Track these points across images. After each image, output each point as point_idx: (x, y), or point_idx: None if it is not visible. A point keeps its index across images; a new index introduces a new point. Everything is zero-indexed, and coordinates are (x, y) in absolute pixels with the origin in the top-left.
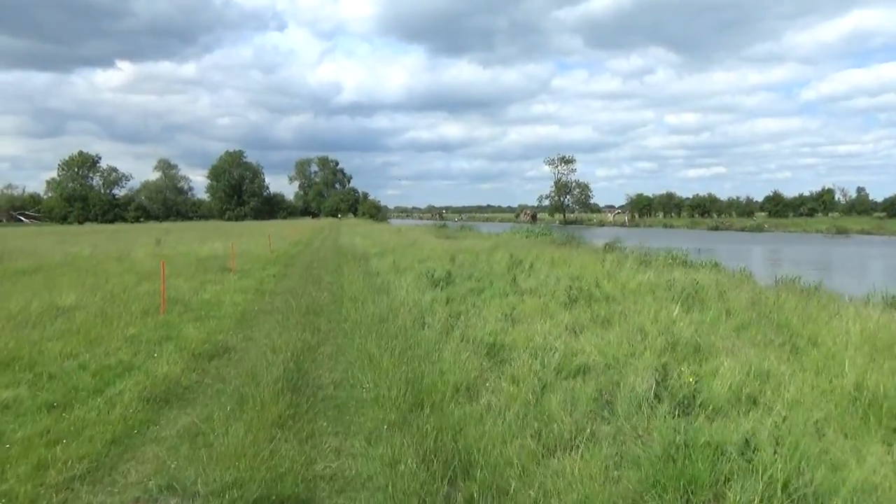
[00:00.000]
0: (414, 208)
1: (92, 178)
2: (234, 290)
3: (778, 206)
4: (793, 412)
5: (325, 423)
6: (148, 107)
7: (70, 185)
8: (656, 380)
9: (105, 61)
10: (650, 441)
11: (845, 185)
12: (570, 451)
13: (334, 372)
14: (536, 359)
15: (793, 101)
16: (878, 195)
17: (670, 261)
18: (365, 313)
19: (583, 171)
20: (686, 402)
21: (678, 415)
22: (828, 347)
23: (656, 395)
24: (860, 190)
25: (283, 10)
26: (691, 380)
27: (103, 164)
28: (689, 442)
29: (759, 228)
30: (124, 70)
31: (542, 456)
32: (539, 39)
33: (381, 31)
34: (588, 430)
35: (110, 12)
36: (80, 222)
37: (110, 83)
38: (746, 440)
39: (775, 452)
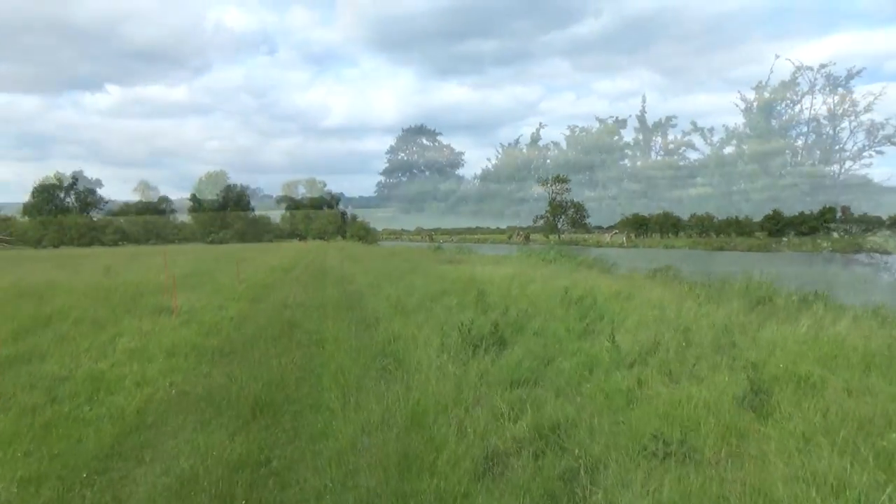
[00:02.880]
0: (403, 230)
1: (68, 201)
2: (159, 348)
3: (778, 225)
4: None
5: None
6: (136, 130)
7: (45, 207)
8: None
9: (94, 85)
10: None
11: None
12: None
13: None
14: None
15: None
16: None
17: (762, 293)
18: (365, 429)
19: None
20: None
21: None
22: None
23: None
24: (844, 209)
25: (274, 33)
26: None
27: (80, 187)
28: None
29: (766, 248)
30: (113, 94)
31: None
32: (528, 63)
33: (371, 54)
34: None
35: (100, 35)
36: (56, 246)
37: (98, 106)
38: None
39: None
